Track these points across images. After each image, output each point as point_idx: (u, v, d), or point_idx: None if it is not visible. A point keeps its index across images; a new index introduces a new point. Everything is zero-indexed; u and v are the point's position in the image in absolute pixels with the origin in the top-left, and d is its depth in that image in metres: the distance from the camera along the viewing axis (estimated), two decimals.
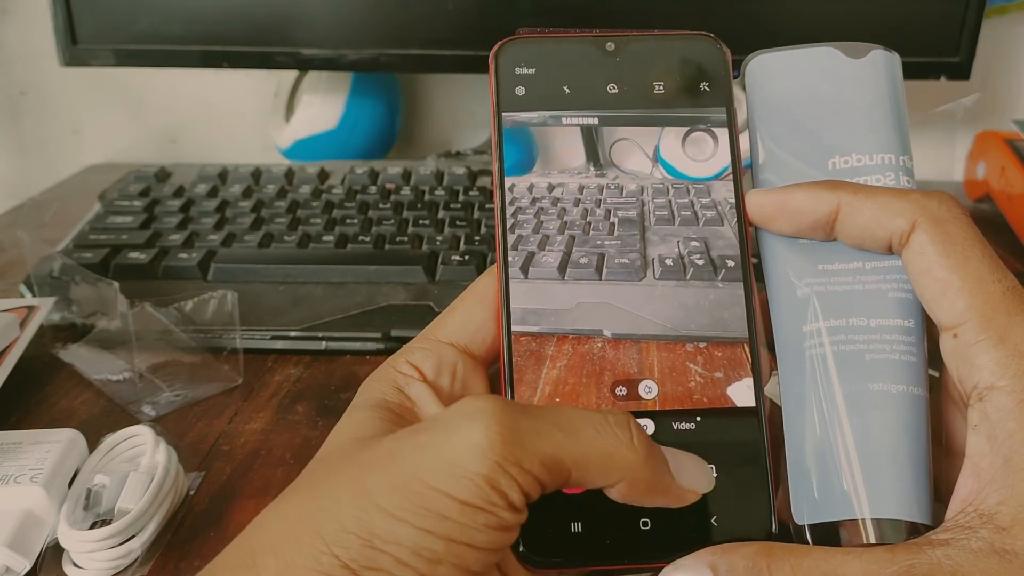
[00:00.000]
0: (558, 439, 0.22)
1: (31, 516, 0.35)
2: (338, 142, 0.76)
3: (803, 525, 0.26)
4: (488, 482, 0.21)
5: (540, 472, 0.22)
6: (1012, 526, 0.22)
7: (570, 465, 0.22)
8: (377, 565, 0.20)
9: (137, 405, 0.44)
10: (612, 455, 0.23)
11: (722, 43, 0.30)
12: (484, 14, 0.64)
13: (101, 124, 0.87)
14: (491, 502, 0.21)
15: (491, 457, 0.21)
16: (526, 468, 0.21)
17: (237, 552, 0.22)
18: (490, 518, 0.21)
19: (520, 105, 0.29)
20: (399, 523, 0.21)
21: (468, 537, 0.21)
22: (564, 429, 0.22)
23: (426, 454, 0.22)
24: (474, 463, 0.21)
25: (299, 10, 0.64)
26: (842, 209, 0.26)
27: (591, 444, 0.23)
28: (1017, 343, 0.24)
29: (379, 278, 0.54)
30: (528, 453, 0.22)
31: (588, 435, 0.23)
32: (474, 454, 0.21)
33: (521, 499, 0.22)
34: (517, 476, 0.21)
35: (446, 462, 0.21)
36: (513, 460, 0.21)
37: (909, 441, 0.25)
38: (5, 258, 0.63)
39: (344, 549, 0.21)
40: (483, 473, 0.21)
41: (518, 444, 0.22)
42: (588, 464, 0.23)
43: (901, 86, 0.29)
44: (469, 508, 0.21)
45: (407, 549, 0.21)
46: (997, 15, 0.76)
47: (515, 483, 0.21)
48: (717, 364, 0.27)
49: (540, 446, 0.22)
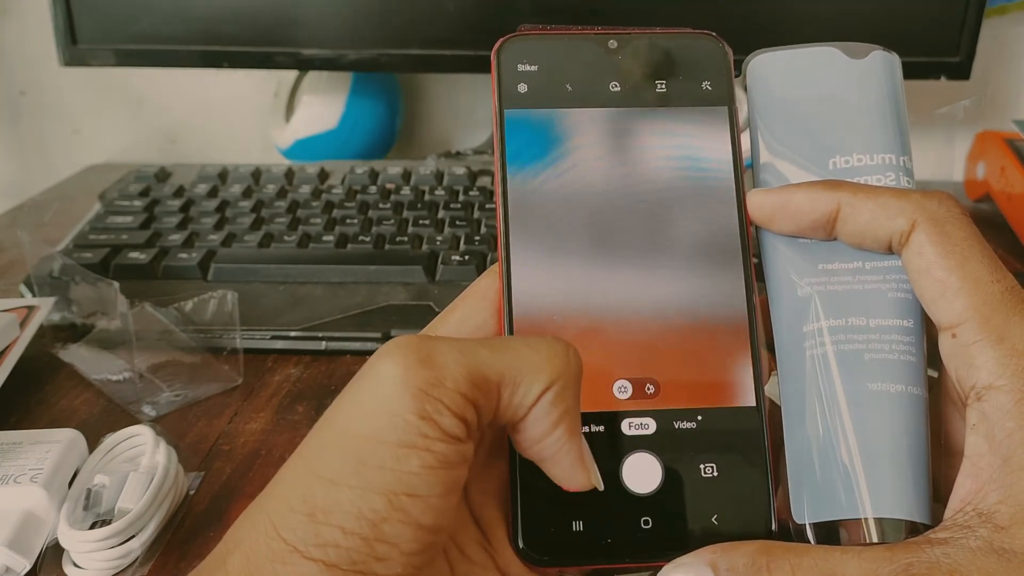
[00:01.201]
0: (482, 355, 0.22)
1: (31, 516, 0.35)
2: (338, 142, 0.76)
3: (803, 524, 0.26)
4: (415, 412, 0.20)
5: (467, 389, 0.21)
6: (1011, 525, 0.22)
7: (497, 380, 0.22)
8: (323, 540, 0.20)
9: (137, 405, 0.44)
10: (542, 364, 0.22)
11: (724, 42, 0.29)
12: (484, 14, 0.64)
13: (101, 124, 0.87)
14: (424, 435, 0.21)
15: (410, 384, 0.21)
16: (450, 387, 0.21)
17: (214, 555, 0.22)
18: (426, 456, 0.21)
19: (522, 102, 0.29)
20: (338, 488, 0.20)
21: (407, 486, 0.20)
22: (490, 347, 0.22)
23: (351, 406, 0.21)
24: (395, 397, 0.21)
25: (299, 10, 0.65)
26: (842, 209, 0.26)
27: (520, 357, 0.22)
28: (1015, 343, 0.24)
29: (379, 278, 0.54)
30: (448, 371, 0.21)
31: (519, 350, 0.22)
32: (394, 388, 0.21)
33: (456, 425, 0.21)
34: (443, 397, 0.21)
35: (370, 407, 0.21)
36: (434, 381, 0.21)
37: (908, 441, 0.25)
38: (5, 258, 0.63)
39: (291, 531, 0.20)
40: (406, 404, 0.20)
41: (435, 365, 0.21)
42: (516, 376, 0.22)
43: (901, 87, 0.29)
44: (404, 450, 0.20)
45: (349, 515, 0.20)
46: (997, 15, 0.76)
47: (443, 407, 0.21)
48: (718, 363, 0.27)
49: (461, 361, 0.21)
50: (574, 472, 0.24)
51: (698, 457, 0.26)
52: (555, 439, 0.23)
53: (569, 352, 0.23)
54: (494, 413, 0.23)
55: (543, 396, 0.23)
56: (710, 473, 0.26)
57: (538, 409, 0.23)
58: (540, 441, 0.23)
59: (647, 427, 0.26)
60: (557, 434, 0.23)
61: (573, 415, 0.23)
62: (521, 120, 0.29)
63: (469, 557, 0.25)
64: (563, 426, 0.23)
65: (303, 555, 0.20)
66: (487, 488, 0.26)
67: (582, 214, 0.28)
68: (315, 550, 0.20)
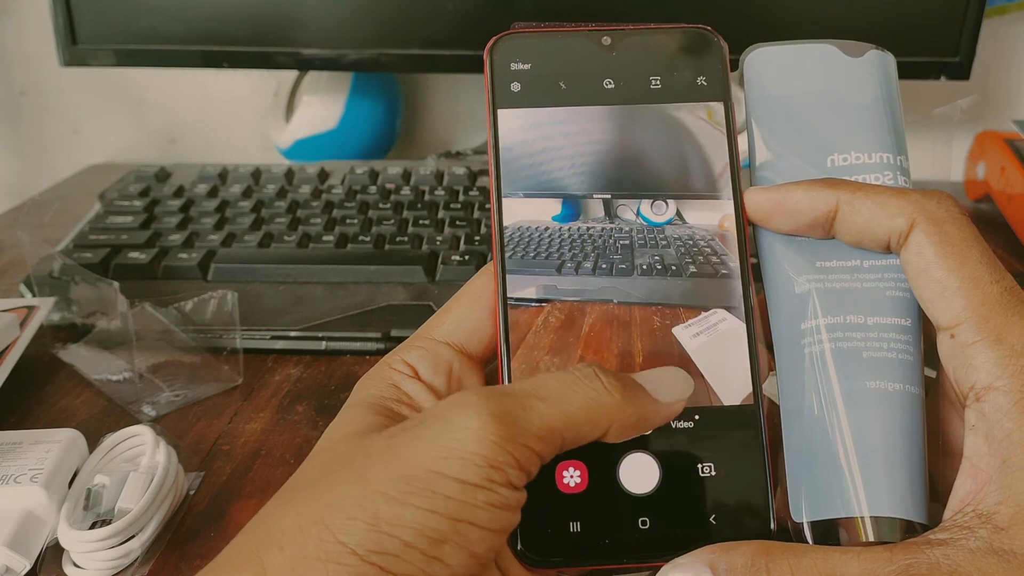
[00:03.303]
0: (542, 409, 0.23)
1: (31, 516, 0.35)
2: (338, 142, 0.76)
3: (801, 523, 0.26)
4: (488, 462, 0.22)
5: (536, 444, 0.23)
6: (1010, 526, 0.22)
7: (560, 429, 0.23)
8: (384, 548, 0.21)
9: (137, 405, 0.44)
10: (593, 407, 0.24)
11: (719, 37, 0.29)
12: (484, 14, 0.64)
13: (101, 124, 0.87)
14: (490, 480, 0.22)
15: (489, 438, 0.22)
16: (521, 443, 0.22)
17: (239, 550, 0.22)
18: (491, 495, 0.22)
19: (516, 101, 0.29)
20: (404, 506, 0.21)
21: (471, 515, 0.22)
22: (544, 398, 0.23)
23: (425, 443, 0.22)
24: (473, 445, 0.22)
25: (299, 10, 0.65)
26: (841, 208, 0.26)
27: (572, 403, 0.23)
28: (1014, 343, 0.24)
29: (379, 278, 0.54)
30: (521, 429, 0.23)
31: (566, 396, 0.24)
32: (472, 438, 0.22)
33: (519, 475, 0.23)
34: (514, 452, 0.22)
35: (445, 448, 0.22)
36: (509, 438, 0.22)
37: (905, 440, 0.25)
38: (5, 258, 0.63)
39: (350, 535, 0.21)
40: (483, 454, 0.22)
41: (511, 423, 0.22)
42: (576, 423, 0.23)
43: (897, 87, 0.29)
44: (471, 487, 0.22)
45: (412, 530, 0.21)
46: (997, 15, 0.76)
47: (512, 459, 0.22)
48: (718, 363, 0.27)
49: (531, 419, 0.23)
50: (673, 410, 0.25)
51: (696, 456, 0.26)
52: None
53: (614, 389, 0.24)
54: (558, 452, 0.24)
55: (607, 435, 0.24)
56: (708, 472, 0.26)
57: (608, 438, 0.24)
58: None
59: None
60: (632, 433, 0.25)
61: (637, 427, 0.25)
62: (515, 119, 0.29)
63: None
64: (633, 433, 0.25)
65: (361, 558, 0.21)
66: None
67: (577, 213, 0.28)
68: (375, 556, 0.21)
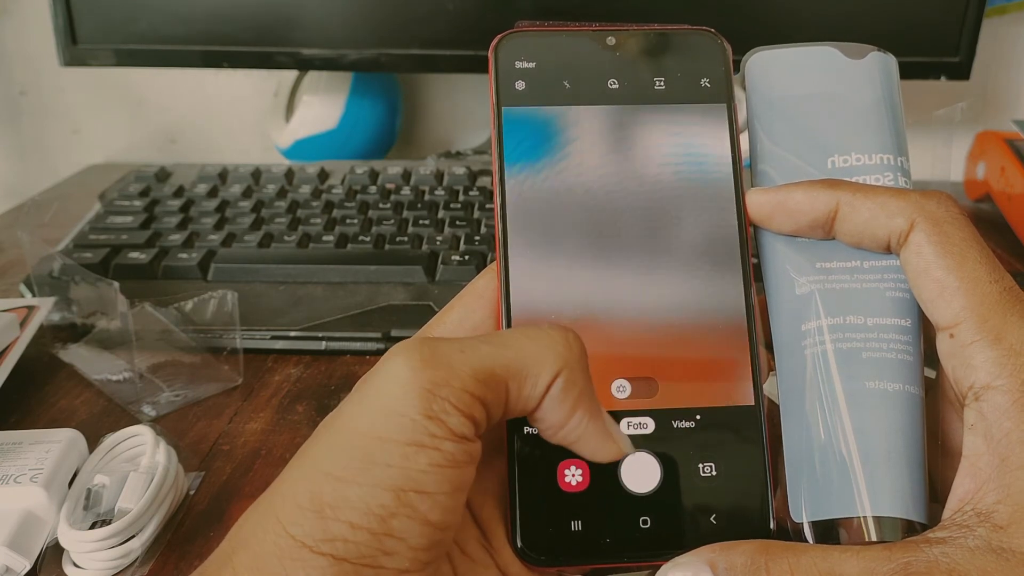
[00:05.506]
0: (485, 351, 0.22)
1: (31, 516, 0.35)
2: (338, 142, 0.76)
3: (801, 523, 0.26)
4: (423, 412, 0.21)
5: (475, 387, 0.21)
6: (1009, 524, 0.22)
7: (503, 374, 0.22)
8: (331, 535, 0.20)
9: (137, 405, 0.44)
10: (545, 353, 0.23)
11: (723, 39, 0.29)
12: (484, 14, 0.64)
13: (101, 124, 0.87)
14: (431, 434, 0.21)
15: (417, 384, 0.21)
16: (456, 386, 0.21)
17: (218, 554, 0.22)
18: (434, 455, 0.21)
19: (520, 100, 0.29)
20: (346, 484, 0.20)
21: (415, 483, 0.21)
22: (492, 343, 0.22)
23: (362, 407, 0.21)
24: (403, 397, 0.21)
25: (299, 10, 0.65)
26: (841, 208, 0.26)
27: (523, 349, 0.22)
28: (1013, 343, 0.24)
29: (379, 278, 0.54)
30: (455, 372, 0.21)
31: (520, 343, 0.23)
32: (400, 389, 0.21)
33: (463, 424, 0.21)
34: (450, 397, 0.21)
35: (377, 407, 0.21)
36: (441, 381, 0.21)
37: (905, 440, 0.25)
38: (5, 258, 0.63)
39: (299, 527, 0.20)
40: (414, 404, 0.21)
41: (442, 365, 0.21)
42: (522, 369, 0.22)
43: (898, 89, 0.29)
44: (412, 448, 0.21)
45: (357, 511, 0.20)
46: (997, 15, 0.76)
47: (450, 406, 0.21)
48: (716, 362, 0.27)
49: (466, 360, 0.22)
50: (603, 448, 0.24)
51: (697, 456, 0.26)
52: (576, 423, 0.24)
53: (568, 336, 0.23)
54: (504, 408, 0.23)
55: (553, 385, 0.23)
56: (709, 472, 0.26)
57: (551, 398, 0.23)
58: (563, 427, 0.24)
59: (646, 426, 0.26)
60: (577, 418, 0.24)
61: (588, 396, 0.24)
62: (519, 118, 0.29)
63: (469, 555, 0.25)
64: (581, 409, 0.23)
65: (312, 550, 0.20)
66: (487, 487, 0.26)
67: (580, 213, 0.28)
68: (324, 545, 0.20)
